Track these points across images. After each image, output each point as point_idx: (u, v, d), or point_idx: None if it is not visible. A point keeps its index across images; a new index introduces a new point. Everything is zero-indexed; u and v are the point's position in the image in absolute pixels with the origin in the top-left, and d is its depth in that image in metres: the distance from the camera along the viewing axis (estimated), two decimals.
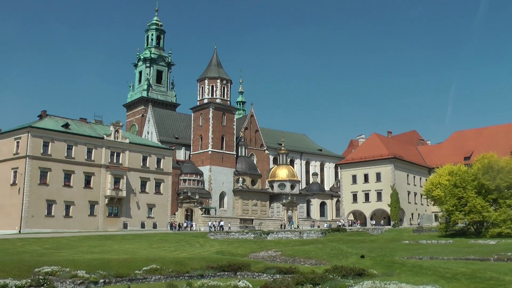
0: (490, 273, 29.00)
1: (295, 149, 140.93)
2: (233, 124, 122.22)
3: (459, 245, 52.32)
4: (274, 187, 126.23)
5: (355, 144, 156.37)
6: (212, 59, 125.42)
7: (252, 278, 33.72)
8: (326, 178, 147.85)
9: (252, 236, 75.22)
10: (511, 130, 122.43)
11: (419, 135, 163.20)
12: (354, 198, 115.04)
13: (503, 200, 65.76)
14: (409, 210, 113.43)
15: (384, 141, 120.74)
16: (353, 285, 22.30)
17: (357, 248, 49.43)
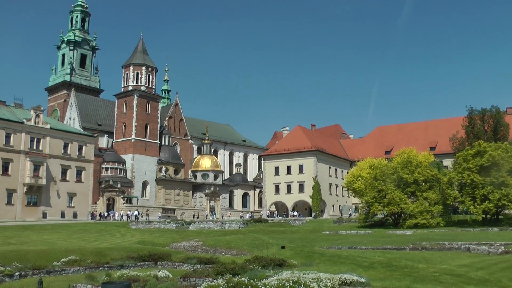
0: (405, 261, 29.76)
1: (219, 140, 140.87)
2: (157, 113, 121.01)
3: (377, 235, 53.41)
4: (197, 177, 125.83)
5: (279, 136, 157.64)
6: (138, 46, 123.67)
7: (173, 268, 33.43)
8: (250, 169, 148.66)
9: (174, 226, 74.66)
10: (429, 127, 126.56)
11: (342, 129, 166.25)
12: (277, 189, 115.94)
13: (421, 193, 67.73)
14: (330, 201, 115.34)
15: (307, 134, 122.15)
16: (273, 275, 22.29)
17: (278, 239, 49.70)
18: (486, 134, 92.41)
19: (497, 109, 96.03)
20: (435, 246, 35.90)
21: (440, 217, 65.97)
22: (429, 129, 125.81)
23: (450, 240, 39.99)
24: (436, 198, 66.69)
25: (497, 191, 61.05)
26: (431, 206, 65.80)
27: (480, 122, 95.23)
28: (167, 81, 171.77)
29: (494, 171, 62.62)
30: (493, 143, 71.12)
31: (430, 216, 64.35)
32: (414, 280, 22.23)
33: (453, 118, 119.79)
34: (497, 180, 61.80)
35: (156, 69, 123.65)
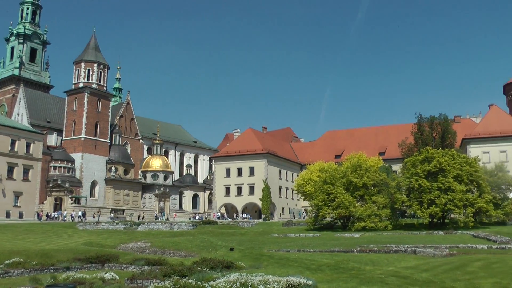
0: (352, 263, 30.05)
1: (170, 140, 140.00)
2: (108, 111, 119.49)
3: (326, 238, 53.81)
4: (147, 178, 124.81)
5: (230, 137, 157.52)
6: (90, 42, 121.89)
7: (120, 270, 33.05)
8: (200, 171, 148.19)
9: (122, 227, 73.99)
10: (379, 132, 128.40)
11: (293, 132, 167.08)
12: (227, 191, 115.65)
13: (369, 196, 68.47)
14: (280, 204, 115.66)
15: (258, 136, 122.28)
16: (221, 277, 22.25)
17: (227, 240, 49.66)
18: (434, 141, 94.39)
19: (445, 117, 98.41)
20: (382, 249, 36.37)
21: (388, 220, 66.78)
22: (379, 134, 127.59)
23: (397, 243, 40.59)
24: (384, 202, 67.54)
25: (444, 196, 62.24)
26: (379, 209, 66.57)
27: (429, 129, 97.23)
28: (119, 79, 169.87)
29: (441, 177, 63.85)
30: (440, 149, 72.56)
31: (378, 220, 65.08)
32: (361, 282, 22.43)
33: (402, 125, 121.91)
34: (444, 185, 63.02)
35: (108, 67, 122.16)
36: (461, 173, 64.53)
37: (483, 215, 65.57)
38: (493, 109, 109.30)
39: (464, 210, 62.96)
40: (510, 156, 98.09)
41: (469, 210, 62.36)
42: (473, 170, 65.61)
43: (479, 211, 63.92)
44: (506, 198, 69.14)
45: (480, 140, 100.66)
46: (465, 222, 61.73)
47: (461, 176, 64.38)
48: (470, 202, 62.50)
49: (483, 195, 64.14)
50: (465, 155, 74.34)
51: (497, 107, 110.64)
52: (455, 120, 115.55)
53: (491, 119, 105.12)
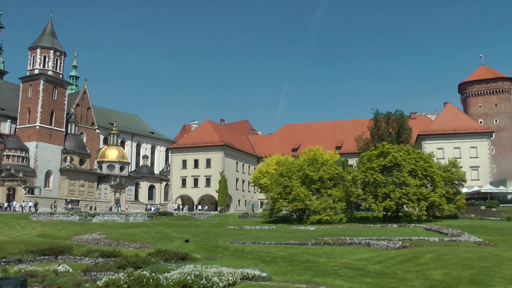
0: (307, 256, 30.26)
1: (127, 130, 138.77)
2: (64, 99, 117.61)
3: (281, 230, 53.99)
4: (103, 168, 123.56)
5: (188, 129, 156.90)
6: (47, 28, 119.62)
7: (74, 262, 32.66)
8: (157, 162, 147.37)
9: (77, 218, 73.17)
10: (336, 126, 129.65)
11: (250, 124, 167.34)
12: (183, 182, 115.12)
13: (325, 190, 69.04)
14: (236, 196, 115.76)
15: (216, 128, 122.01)
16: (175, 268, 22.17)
17: (183, 232, 49.51)
18: (390, 136, 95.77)
19: (401, 114, 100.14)
20: (336, 241, 36.69)
21: (343, 213, 67.51)
22: (336, 129, 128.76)
23: (352, 235, 40.99)
24: (340, 196, 68.28)
25: (398, 190, 63.18)
26: (334, 203, 67.25)
27: (385, 124, 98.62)
28: (76, 67, 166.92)
29: (396, 171, 64.81)
30: (396, 145, 73.48)
31: (333, 213, 65.70)
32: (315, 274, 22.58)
33: (359, 120, 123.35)
34: (398, 180, 63.97)
35: (64, 54, 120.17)
36: (416, 168, 65.58)
37: (436, 209, 66.78)
38: (448, 107, 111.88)
39: (418, 204, 64.05)
40: (463, 152, 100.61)
41: (422, 204, 63.46)
42: (427, 165, 66.73)
43: (432, 205, 65.15)
44: (459, 193, 70.61)
45: (435, 137, 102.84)
46: (419, 215, 62.74)
47: (416, 171, 65.44)
48: (424, 196, 63.58)
49: (437, 189, 65.34)
50: (420, 150, 75.56)
51: (452, 105, 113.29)
52: (411, 116, 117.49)
53: (446, 117, 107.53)
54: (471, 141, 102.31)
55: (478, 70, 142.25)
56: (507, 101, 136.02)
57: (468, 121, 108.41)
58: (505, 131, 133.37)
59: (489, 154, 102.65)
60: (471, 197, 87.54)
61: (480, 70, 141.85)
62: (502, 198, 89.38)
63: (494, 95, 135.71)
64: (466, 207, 72.03)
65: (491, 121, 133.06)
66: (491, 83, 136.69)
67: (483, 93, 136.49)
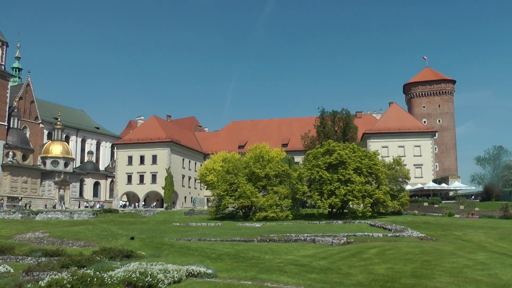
0: (252, 252, 30.32)
1: (72, 125, 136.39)
2: (6, 92, 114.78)
3: (227, 227, 54.09)
4: (47, 164, 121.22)
5: (134, 125, 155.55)
6: None
7: (16, 262, 31.86)
8: (102, 158, 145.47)
9: (19, 216, 71.73)
10: (282, 124, 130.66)
11: (197, 121, 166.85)
12: (129, 179, 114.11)
13: (271, 187, 69.56)
14: (182, 193, 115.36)
15: (162, 125, 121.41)
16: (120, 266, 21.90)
17: (128, 229, 49.12)
18: (336, 135, 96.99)
19: (347, 112, 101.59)
20: (282, 238, 36.86)
21: (289, 210, 68.20)
22: (283, 126, 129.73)
23: (297, 232, 41.30)
24: (286, 193, 68.83)
25: (343, 187, 64.09)
26: (281, 200, 67.80)
27: (331, 123, 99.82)
28: (19, 58, 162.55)
29: (342, 169, 65.71)
30: (342, 143, 74.46)
31: (279, 210, 66.25)
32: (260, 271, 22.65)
33: (306, 118, 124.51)
34: (344, 177, 64.88)
35: (7, 44, 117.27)
36: (361, 165, 66.65)
37: (381, 206, 68.16)
38: (393, 107, 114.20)
39: (363, 201, 65.17)
40: (407, 151, 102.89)
41: (367, 200, 64.72)
42: (372, 163, 67.91)
43: (377, 201, 66.48)
44: (402, 190, 72.29)
45: (380, 135, 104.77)
46: (363, 212, 63.72)
47: (361, 169, 66.50)
48: (369, 193, 64.78)
49: (381, 186, 66.60)
50: (365, 149, 76.84)
51: (397, 105, 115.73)
52: (356, 115, 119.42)
53: (390, 116, 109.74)
54: (415, 140, 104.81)
55: (422, 72, 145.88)
56: (449, 102, 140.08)
57: (412, 121, 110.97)
58: (448, 130, 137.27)
59: (432, 153, 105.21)
60: (415, 194, 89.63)
61: (424, 71, 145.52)
62: (444, 195, 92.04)
63: (438, 96, 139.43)
64: (409, 204, 73.78)
65: (435, 121, 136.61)
66: (434, 84, 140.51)
67: (427, 94, 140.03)
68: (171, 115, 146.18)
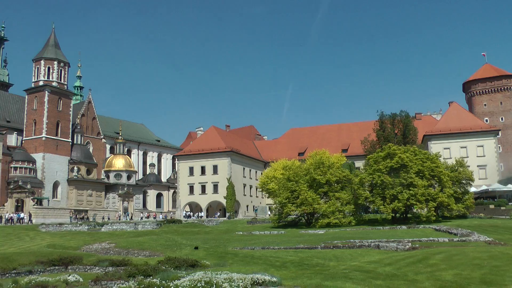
0: (316, 259, 30.16)
1: (133, 139, 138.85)
2: (69, 110, 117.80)
3: (290, 235, 53.98)
4: (110, 177, 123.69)
5: (194, 136, 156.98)
6: (50, 39, 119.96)
7: (84, 271, 32.63)
8: (164, 169, 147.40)
9: (86, 228, 73.25)
10: (341, 129, 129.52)
11: (256, 130, 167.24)
12: (191, 189, 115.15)
13: (333, 193, 69.04)
14: (244, 202, 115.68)
15: (222, 135, 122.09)
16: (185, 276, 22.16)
17: (192, 239, 49.49)
18: (396, 138, 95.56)
19: (407, 114, 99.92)
20: (346, 244, 36.62)
21: (351, 216, 67.55)
22: (342, 131, 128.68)
23: (361, 238, 40.95)
24: (348, 198, 68.21)
25: (406, 191, 63.07)
26: (343, 206, 67.25)
27: (391, 126, 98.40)
28: (80, 77, 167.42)
29: (403, 173, 64.75)
30: (402, 146, 73.42)
31: (342, 216, 65.75)
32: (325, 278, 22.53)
33: (364, 122, 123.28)
34: (406, 181, 63.90)
35: (68, 64, 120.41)
36: (423, 168, 65.48)
37: (445, 209, 66.73)
38: (453, 106, 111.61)
39: (426, 205, 63.90)
40: (470, 151, 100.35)
41: (431, 204, 63.39)
42: (434, 165, 66.61)
43: (441, 205, 65.06)
44: (467, 192, 70.42)
45: (441, 137, 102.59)
46: (427, 216, 62.55)
47: (423, 172, 65.33)
48: (432, 197, 63.47)
49: (445, 189, 65.19)
50: (426, 151, 75.47)
51: (457, 104, 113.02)
52: (416, 117, 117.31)
53: (451, 116, 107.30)
54: (478, 140, 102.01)
55: (482, 69, 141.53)
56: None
57: (474, 120, 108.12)
58: (511, 128, 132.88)
59: (496, 153, 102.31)
60: (480, 196, 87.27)
61: (484, 68, 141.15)
62: (511, 197, 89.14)
63: (499, 93, 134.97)
64: (474, 207, 71.83)
65: (497, 119, 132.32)
66: (495, 81, 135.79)
67: (487, 91, 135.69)
68: (230, 125, 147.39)
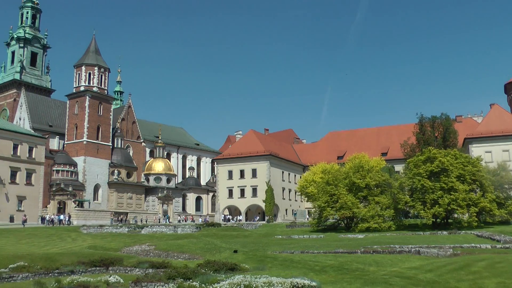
0: (356, 264, 30.00)
1: (172, 143, 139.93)
2: (109, 114, 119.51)
3: (330, 239, 53.76)
4: (150, 180, 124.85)
5: (232, 140, 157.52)
6: (91, 46, 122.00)
7: (124, 273, 33.08)
8: (203, 173, 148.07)
9: (126, 230, 73.95)
10: (381, 133, 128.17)
11: (295, 133, 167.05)
12: (230, 193, 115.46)
13: (372, 197, 68.42)
14: (283, 206, 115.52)
15: (260, 138, 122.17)
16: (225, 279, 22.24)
17: (231, 243, 49.61)
18: (436, 141, 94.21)
19: (447, 117, 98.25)
20: (386, 250, 36.33)
21: (391, 221, 66.88)
22: (381, 135, 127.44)
23: (401, 243, 40.55)
24: (388, 203, 67.52)
25: (447, 196, 62.24)
26: (382, 210, 66.64)
27: (431, 129, 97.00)
28: (120, 82, 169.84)
29: (444, 177, 63.87)
30: (442, 149, 72.55)
31: (381, 220, 65.18)
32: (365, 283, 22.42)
33: (404, 125, 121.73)
34: (447, 185, 63.02)
35: (108, 70, 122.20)
36: (464, 172, 64.53)
37: (487, 215, 65.50)
38: (495, 108, 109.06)
39: (468, 210, 62.93)
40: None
41: (472, 209, 62.35)
42: (475, 169, 65.57)
43: (483, 210, 63.84)
44: (510, 198, 68.73)
45: (482, 140, 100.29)
46: (469, 222, 61.70)
47: (464, 176, 64.39)
48: (473, 202, 62.45)
49: (486, 194, 64.02)
50: (467, 154, 74.36)
51: (499, 106, 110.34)
52: (456, 119, 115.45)
53: (492, 118, 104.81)
54: None
55: None
56: None
57: None
58: None
59: None
60: None
61: None
62: None
63: None
64: None
65: None
66: None
67: None
68: (269, 129, 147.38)
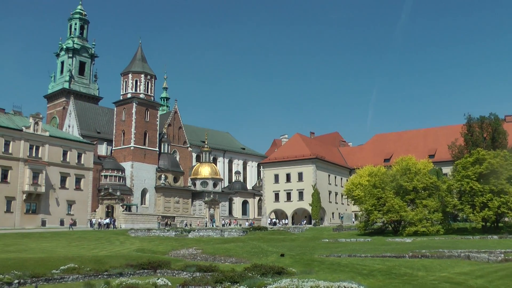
0: (404, 269, 29.68)
1: (218, 147, 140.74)
2: (156, 120, 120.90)
3: (377, 243, 53.27)
4: (197, 185, 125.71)
5: (278, 143, 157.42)
6: (137, 53, 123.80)
7: (172, 276, 33.31)
8: (249, 177, 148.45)
9: (173, 234, 74.45)
10: (428, 134, 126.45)
11: (341, 136, 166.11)
12: (276, 197, 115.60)
13: (420, 200, 67.46)
14: (329, 209, 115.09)
15: (306, 142, 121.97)
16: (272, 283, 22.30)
17: (278, 246, 49.56)
18: (484, 142, 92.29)
19: (496, 117, 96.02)
20: (434, 254, 35.86)
21: (439, 224, 65.92)
22: (428, 136, 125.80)
23: (450, 247, 39.94)
24: (436, 206, 66.51)
25: (496, 198, 60.95)
26: (430, 213, 65.68)
27: (479, 129, 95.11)
28: (166, 88, 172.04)
29: (493, 179, 62.43)
30: (492, 150, 71.05)
31: (429, 224, 64.29)
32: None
33: (452, 126, 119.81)
34: (496, 187, 61.64)
35: (155, 77, 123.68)
36: None
37: None
38: None
39: None
40: None
41: None
42: None
43: None
44: None
45: None
46: None
47: None
48: None
49: None
50: None
51: None
52: (506, 119, 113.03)
53: None
54: None
55: None
56: None
57: None
58: None
59: None
60: None
61: None
62: None
63: None
64: None
65: None
66: None
67: None
68: (314, 132, 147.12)
